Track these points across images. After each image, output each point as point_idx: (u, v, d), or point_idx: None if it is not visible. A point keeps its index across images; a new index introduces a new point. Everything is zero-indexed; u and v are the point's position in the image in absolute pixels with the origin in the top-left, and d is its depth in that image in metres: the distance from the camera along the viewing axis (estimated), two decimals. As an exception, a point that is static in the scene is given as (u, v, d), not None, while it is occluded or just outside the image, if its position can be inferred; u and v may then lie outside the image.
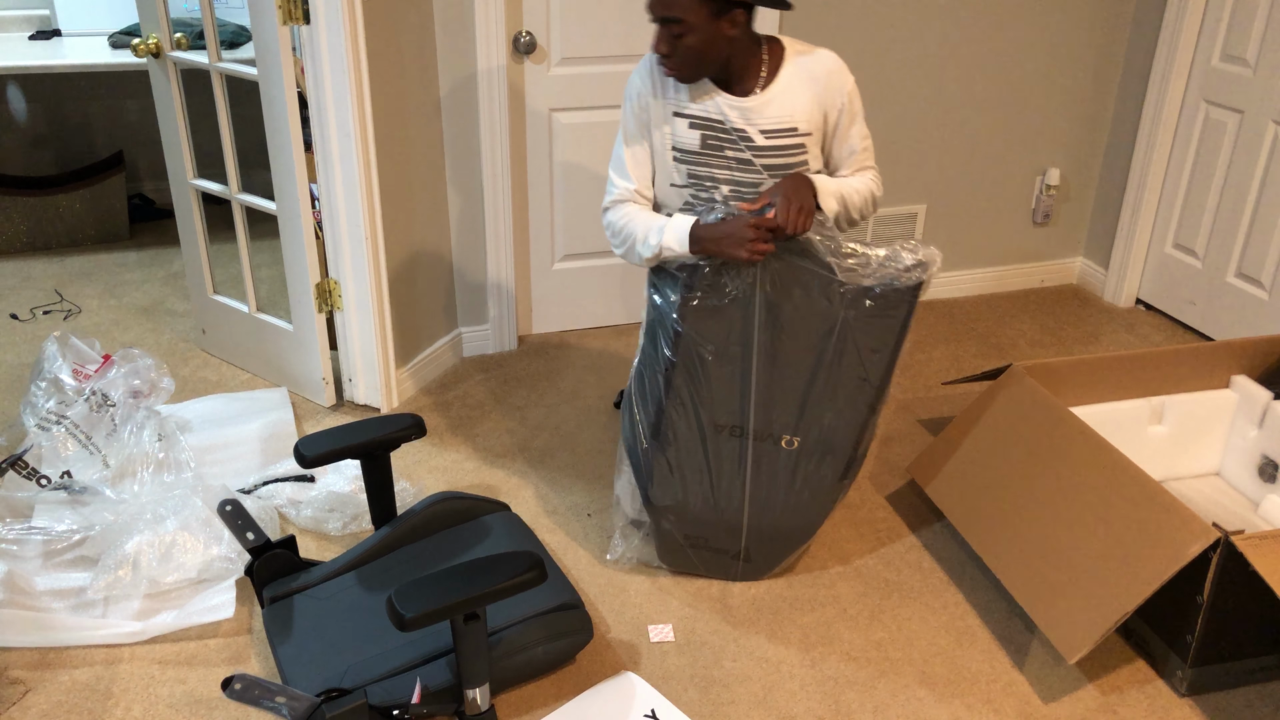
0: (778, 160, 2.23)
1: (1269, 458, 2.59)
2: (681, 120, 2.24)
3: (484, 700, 1.93)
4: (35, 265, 3.97)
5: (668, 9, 2.06)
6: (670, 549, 2.38)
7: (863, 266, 2.15)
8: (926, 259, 2.15)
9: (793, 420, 2.23)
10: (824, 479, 2.27)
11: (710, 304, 2.17)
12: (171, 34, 2.95)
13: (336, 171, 2.76)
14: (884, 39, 3.36)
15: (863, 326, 2.18)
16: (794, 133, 2.21)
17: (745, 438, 2.24)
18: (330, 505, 2.54)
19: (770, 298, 2.17)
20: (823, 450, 2.25)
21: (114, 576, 2.24)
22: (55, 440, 2.61)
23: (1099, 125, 3.72)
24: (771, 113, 2.20)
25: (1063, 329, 3.61)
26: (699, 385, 2.21)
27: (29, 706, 2.03)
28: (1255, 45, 3.22)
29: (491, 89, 3.04)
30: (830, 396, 2.21)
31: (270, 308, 3.29)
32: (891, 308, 2.16)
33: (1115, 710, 2.07)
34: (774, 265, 2.15)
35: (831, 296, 2.16)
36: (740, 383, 2.21)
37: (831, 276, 2.15)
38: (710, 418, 2.23)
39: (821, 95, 2.22)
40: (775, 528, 2.30)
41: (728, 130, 2.22)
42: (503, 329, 3.38)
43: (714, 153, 2.24)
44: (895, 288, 2.15)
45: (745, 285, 2.16)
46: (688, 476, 2.27)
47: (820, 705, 2.07)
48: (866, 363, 2.20)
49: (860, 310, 2.17)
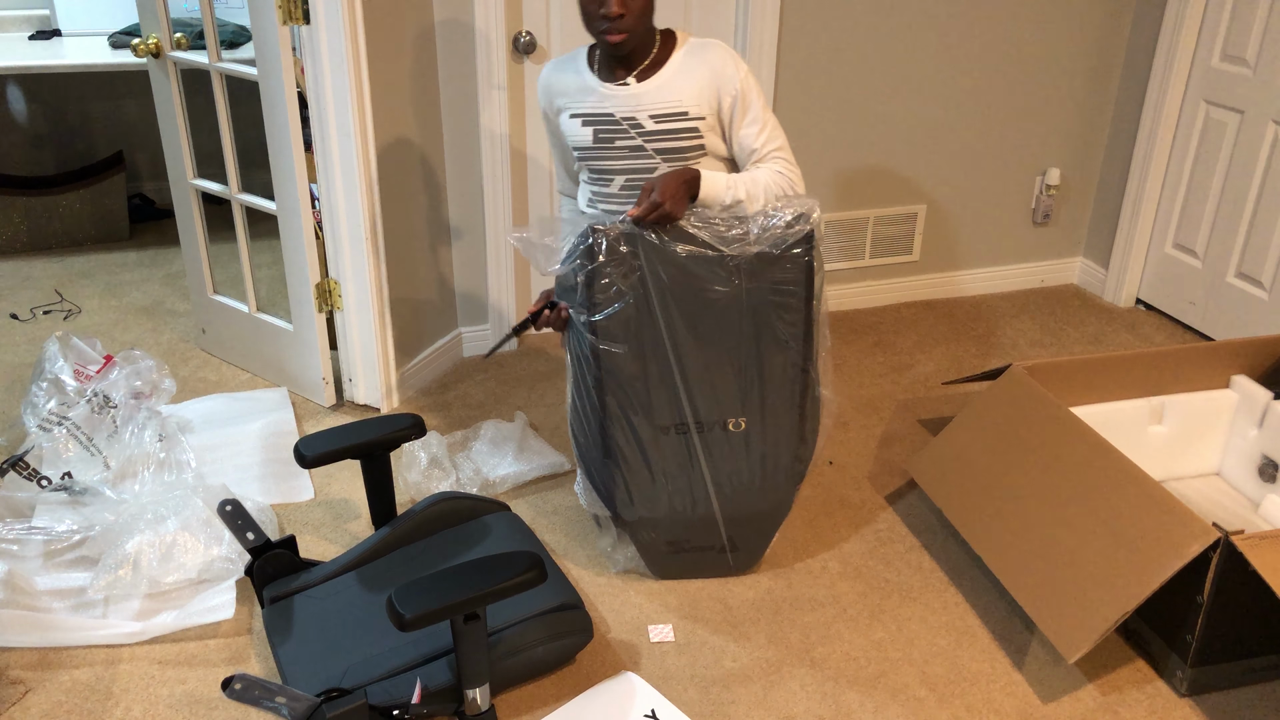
0: (670, 144, 2.24)
1: (1269, 458, 2.59)
2: (575, 120, 2.29)
3: (484, 700, 1.93)
4: (35, 265, 3.97)
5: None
6: (657, 560, 2.37)
7: (745, 235, 2.14)
8: (805, 209, 2.15)
9: (732, 402, 2.23)
10: (781, 451, 2.28)
11: (612, 312, 2.17)
12: (171, 34, 2.95)
13: (336, 171, 2.76)
14: (884, 39, 3.36)
15: (767, 292, 2.17)
16: (684, 116, 2.23)
17: (690, 433, 2.24)
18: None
19: (669, 291, 2.17)
20: (771, 423, 2.25)
21: (114, 576, 2.24)
22: (56, 441, 2.61)
23: (1099, 125, 3.72)
24: (660, 97, 2.22)
25: (1063, 329, 3.61)
26: (629, 394, 2.22)
27: (29, 706, 2.03)
28: (1255, 45, 3.22)
29: (491, 89, 3.04)
30: (760, 369, 2.22)
31: (270, 308, 3.29)
32: (789, 266, 2.16)
33: (1115, 710, 2.07)
34: (659, 260, 2.15)
35: (726, 273, 2.16)
36: (669, 380, 2.21)
37: (719, 253, 2.15)
38: (651, 422, 2.24)
39: (712, 81, 2.22)
40: (749, 511, 2.31)
41: (617, 121, 2.25)
42: (503, 329, 3.38)
43: (606, 145, 2.27)
44: (786, 245, 2.15)
45: (636, 285, 2.16)
46: (648, 486, 2.27)
47: (820, 705, 2.07)
48: (782, 326, 2.20)
49: (759, 278, 2.17)
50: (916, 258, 3.75)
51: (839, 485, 2.76)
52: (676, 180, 2.14)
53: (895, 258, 3.72)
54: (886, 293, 3.77)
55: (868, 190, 3.58)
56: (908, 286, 3.79)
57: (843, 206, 3.58)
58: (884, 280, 3.75)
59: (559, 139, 2.42)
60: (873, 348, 3.48)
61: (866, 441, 2.95)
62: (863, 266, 3.70)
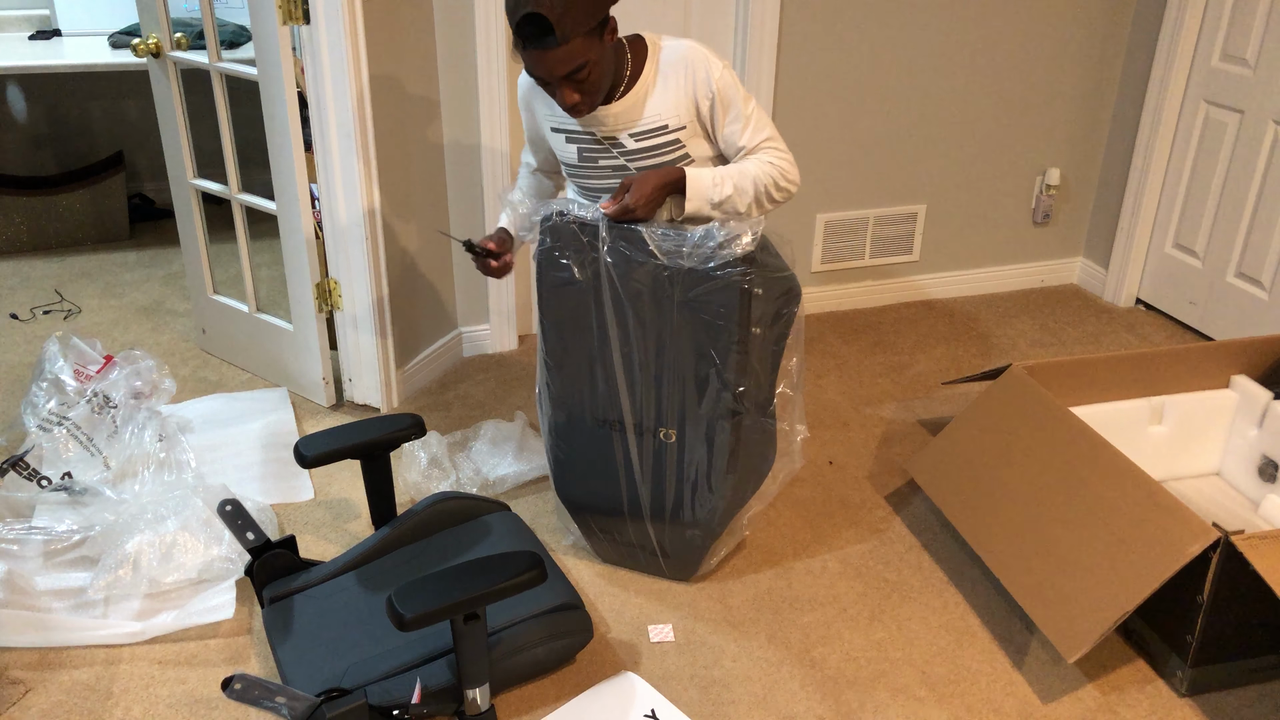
0: (652, 161, 2.19)
1: (1269, 458, 2.59)
2: (559, 135, 2.25)
3: (484, 700, 1.93)
4: (35, 265, 3.97)
5: (569, 64, 1.97)
6: (598, 544, 2.41)
7: (679, 249, 2.10)
8: (741, 231, 2.08)
9: (662, 412, 2.21)
10: (713, 469, 2.22)
11: (561, 293, 2.18)
12: (171, 34, 2.95)
13: (336, 171, 2.76)
14: (884, 38, 3.36)
15: (698, 308, 2.13)
16: (664, 130, 2.16)
17: (625, 431, 2.24)
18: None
19: (621, 288, 2.15)
20: (703, 440, 2.21)
21: (114, 576, 2.24)
22: (56, 442, 2.61)
23: (1099, 125, 3.72)
24: (638, 115, 2.15)
25: (1063, 329, 3.61)
26: (574, 382, 2.23)
27: (29, 706, 2.03)
28: (1255, 45, 3.22)
29: (491, 89, 3.04)
30: (688, 384, 2.18)
31: (270, 308, 3.29)
32: (720, 290, 2.10)
33: (1115, 710, 2.07)
34: (613, 256, 2.13)
35: (664, 281, 2.13)
36: (610, 377, 2.21)
37: (658, 261, 2.12)
38: (589, 413, 2.25)
39: (688, 88, 2.15)
40: (678, 523, 2.28)
41: (599, 141, 2.20)
42: (503, 329, 3.38)
43: (590, 164, 2.23)
44: (716, 266, 2.09)
45: (589, 276, 2.15)
46: (586, 472, 2.29)
47: (820, 705, 2.07)
48: (713, 346, 2.14)
49: (693, 292, 2.12)
50: (916, 258, 3.75)
51: (839, 485, 2.76)
52: (656, 181, 2.10)
53: (895, 258, 3.72)
54: (886, 293, 3.77)
55: (868, 190, 3.58)
56: (908, 286, 3.79)
57: (843, 206, 3.58)
58: (884, 280, 3.75)
59: (534, 132, 2.36)
60: (873, 348, 3.48)
61: (866, 441, 2.95)
62: (863, 266, 3.70)
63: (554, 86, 2.03)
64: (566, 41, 1.93)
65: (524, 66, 2.03)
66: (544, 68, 1.98)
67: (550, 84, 2.03)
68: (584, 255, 2.15)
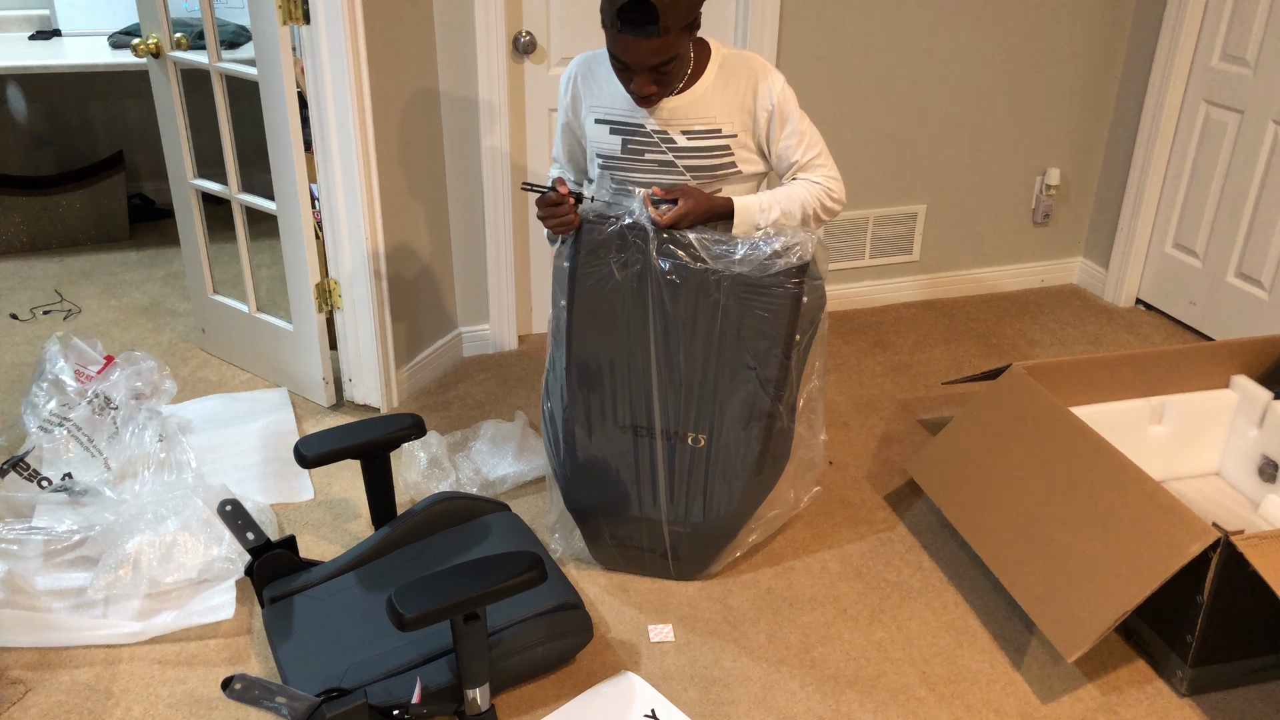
0: (701, 161, 2.20)
1: (1269, 458, 2.59)
2: (602, 126, 2.24)
3: (484, 700, 1.93)
4: (35, 265, 3.97)
5: (663, 54, 2.00)
6: (600, 548, 2.39)
7: (729, 254, 2.13)
8: (797, 242, 2.11)
9: (694, 418, 2.22)
10: (737, 475, 2.25)
11: (597, 300, 2.17)
12: (171, 34, 2.95)
13: (336, 171, 2.76)
14: (884, 39, 3.36)
15: (744, 314, 2.15)
16: (718, 134, 2.18)
17: (653, 437, 2.24)
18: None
19: (665, 292, 2.16)
20: (726, 448, 2.23)
21: (114, 576, 2.24)
22: (57, 442, 2.61)
23: (1099, 125, 3.72)
24: (695, 113, 2.17)
25: (1063, 329, 3.61)
26: (597, 384, 2.22)
27: (29, 706, 2.03)
28: (1255, 45, 3.22)
29: (491, 89, 3.04)
30: (724, 390, 2.20)
31: (270, 308, 3.29)
32: (770, 298, 2.13)
33: (1115, 710, 2.07)
34: (661, 259, 2.15)
35: (713, 288, 2.15)
36: (642, 380, 2.21)
37: (707, 266, 2.14)
38: (612, 417, 2.24)
39: (747, 97, 2.17)
40: (696, 525, 2.29)
41: (648, 133, 2.20)
42: (503, 329, 3.38)
43: (634, 157, 2.23)
44: (769, 274, 2.12)
45: (632, 278, 2.15)
46: (603, 477, 2.28)
47: (820, 705, 2.07)
48: (754, 351, 2.17)
49: (739, 298, 2.14)
50: (916, 257, 3.75)
51: (839, 485, 2.76)
52: (709, 205, 2.13)
53: (895, 257, 3.72)
54: (886, 292, 3.77)
55: (868, 190, 3.58)
56: (908, 286, 3.79)
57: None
58: (884, 280, 3.75)
59: (572, 128, 2.35)
60: (873, 347, 3.48)
61: (866, 441, 2.95)
62: (863, 266, 3.70)
63: (632, 73, 2.05)
64: (667, 33, 1.96)
65: (610, 49, 2.04)
66: (637, 55, 1.99)
67: (630, 70, 2.05)
68: (627, 255, 2.14)
